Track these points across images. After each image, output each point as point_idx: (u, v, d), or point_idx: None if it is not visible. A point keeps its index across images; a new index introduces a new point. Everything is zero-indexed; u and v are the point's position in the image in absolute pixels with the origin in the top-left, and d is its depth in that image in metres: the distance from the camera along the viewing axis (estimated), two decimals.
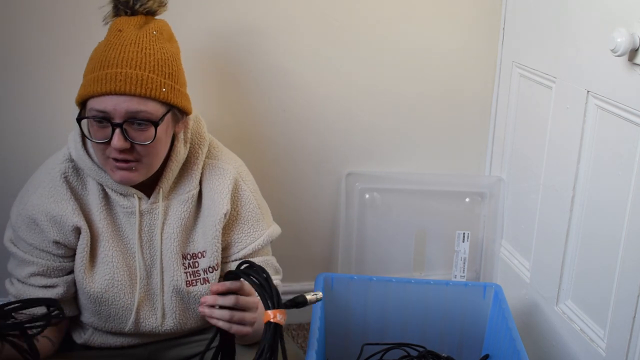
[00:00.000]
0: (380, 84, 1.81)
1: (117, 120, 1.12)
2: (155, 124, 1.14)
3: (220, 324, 1.09)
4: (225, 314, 1.09)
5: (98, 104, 1.12)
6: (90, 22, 1.56)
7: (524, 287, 1.73)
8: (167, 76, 1.16)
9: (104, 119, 1.12)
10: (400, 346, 1.55)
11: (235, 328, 1.10)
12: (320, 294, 1.11)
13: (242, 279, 1.10)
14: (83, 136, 1.22)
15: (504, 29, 1.82)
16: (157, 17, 1.26)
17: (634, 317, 1.26)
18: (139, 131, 1.14)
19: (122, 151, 1.13)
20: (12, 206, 1.26)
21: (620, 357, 1.31)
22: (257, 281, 1.06)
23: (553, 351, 1.57)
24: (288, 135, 1.80)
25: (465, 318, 1.58)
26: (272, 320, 1.04)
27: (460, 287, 1.57)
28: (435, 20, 1.79)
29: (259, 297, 1.09)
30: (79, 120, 1.16)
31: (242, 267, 1.10)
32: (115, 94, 1.11)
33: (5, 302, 1.09)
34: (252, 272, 1.08)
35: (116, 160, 1.15)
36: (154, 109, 1.14)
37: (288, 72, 1.74)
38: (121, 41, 1.16)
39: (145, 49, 1.16)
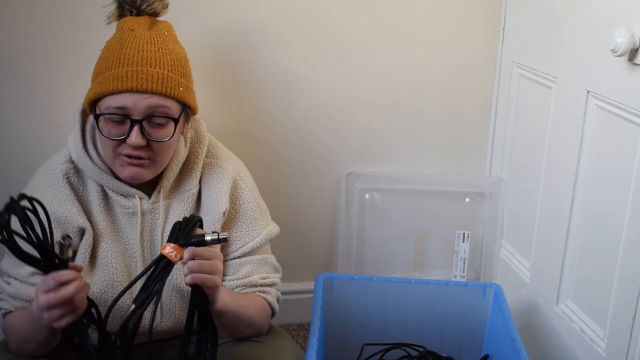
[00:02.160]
0: (380, 84, 1.81)
1: (137, 117, 1.13)
2: (176, 120, 1.17)
3: (189, 278, 1.09)
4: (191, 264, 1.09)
5: (117, 101, 1.12)
6: (90, 22, 1.56)
7: (524, 287, 1.73)
8: (182, 75, 1.18)
9: (122, 115, 1.13)
10: (400, 346, 1.55)
11: (202, 277, 1.09)
12: (223, 235, 1.08)
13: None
14: (83, 137, 1.22)
15: (504, 29, 1.82)
16: (159, 19, 1.27)
17: (634, 317, 1.26)
18: (157, 128, 1.15)
19: (136, 148, 1.14)
20: None
21: (620, 357, 1.31)
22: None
23: (553, 351, 1.57)
24: (288, 136, 1.80)
25: (465, 318, 1.58)
26: (163, 252, 1.06)
27: (460, 287, 1.57)
28: (435, 21, 1.79)
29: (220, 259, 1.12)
30: (96, 117, 1.15)
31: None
32: (137, 91, 1.12)
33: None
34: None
35: (128, 157, 1.15)
36: (172, 106, 1.16)
37: (288, 72, 1.74)
38: (136, 40, 1.16)
39: (161, 48, 1.17)
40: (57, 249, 1.03)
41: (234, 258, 1.32)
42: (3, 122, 1.62)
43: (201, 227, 1.11)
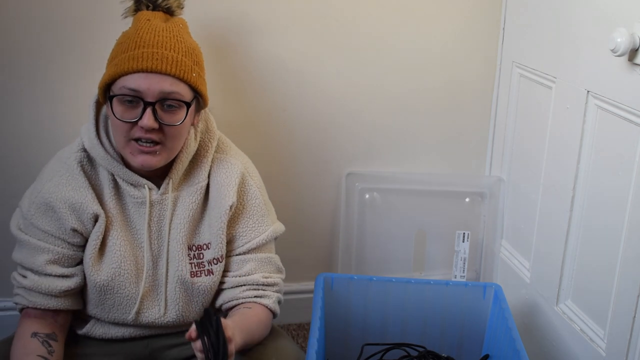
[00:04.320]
0: (380, 84, 1.81)
1: (150, 100, 1.15)
2: (188, 105, 1.19)
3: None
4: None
5: (131, 83, 1.14)
6: (92, 21, 1.57)
7: (524, 287, 1.73)
8: (195, 63, 1.21)
9: (136, 97, 1.14)
10: (400, 346, 1.55)
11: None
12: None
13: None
14: (97, 126, 1.24)
15: (504, 29, 1.82)
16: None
17: (634, 317, 1.26)
18: (169, 112, 1.17)
19: (148, 131, 1.15)
20: (22, 198, 1.27)
21: (620, 357, 1.31)
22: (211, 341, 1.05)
23: (553, 351, 1.57)
24: (288, 135, 1.80)
25: (465, 318, 1.58)
26: None
27: (460, 287, 1.57)
28: (435, 20, 1.79)
29: (230, 322, 1.10)
30: (110, 98, 1.17)
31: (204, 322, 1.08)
32: (152, 71, 1.14)
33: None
34: (211, 330, 1.06)
35: (140, 142, 1.17)
36: (184, 91, 1.18)
37: (288, 72, 1.74)
38: (153, 27, 1.19)
39: (176, 36, 1.20)
40: None
41: (239, 254, 1.32)
42: (3, 122, 1.62)
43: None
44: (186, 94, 1.19)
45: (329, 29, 1.73)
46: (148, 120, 1.14)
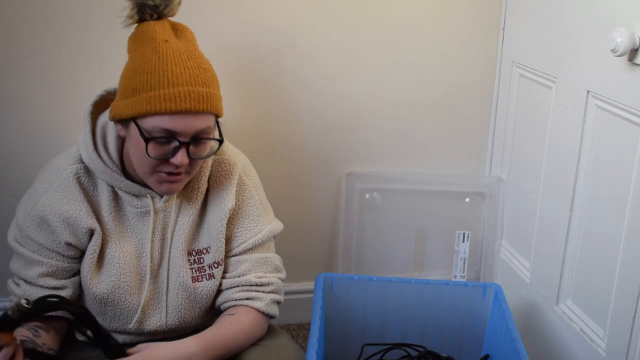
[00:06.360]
0: (380, 84, 1.81)
1: (185, 139, 1.13)
2: (220, 141, 1.20)
3: None
4: None
5: (167, 123, 1.11)
6: (90, 23, 1.57)
7: (524, 287, 1.73)
8: (218, 89, 1.19)
9: (170, 137, 1.13)
10: (400, 346, 1.55)
11: None
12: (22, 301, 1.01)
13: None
14: (94, 138, 1.21)
15: (504, 29, 1.82)
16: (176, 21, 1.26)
17: (634, 317, 1.26)
18: (199, 146, 1.16)
19: (178, 167, 1.15)
20: (17, 206, 1.26)
21: (620, 357, 1.31)
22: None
23: (553, 351, 1.58)
24: (288, 135, 1.80)
25: (465, 318, 1.58)
26: None
27: (460, 287, 1.57)
28: (435, 20, 1.79)
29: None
30: (146, 140, 1.12)
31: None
32: (189, 112, 1.11)
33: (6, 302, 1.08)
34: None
35: (169, 174, 1.16)
36: (212, 122, 1.18)
37: (288, 72, 1.74)
38: (176, 54, 1.14)
39: (201, 64, 1.16)
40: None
41: (234, 255, 1.32)
42: (3, 122, 1.62)
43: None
44: (212, 124, 1.18)
45: (328, 29, 1.73)
46: (182, 159, 1.13)
